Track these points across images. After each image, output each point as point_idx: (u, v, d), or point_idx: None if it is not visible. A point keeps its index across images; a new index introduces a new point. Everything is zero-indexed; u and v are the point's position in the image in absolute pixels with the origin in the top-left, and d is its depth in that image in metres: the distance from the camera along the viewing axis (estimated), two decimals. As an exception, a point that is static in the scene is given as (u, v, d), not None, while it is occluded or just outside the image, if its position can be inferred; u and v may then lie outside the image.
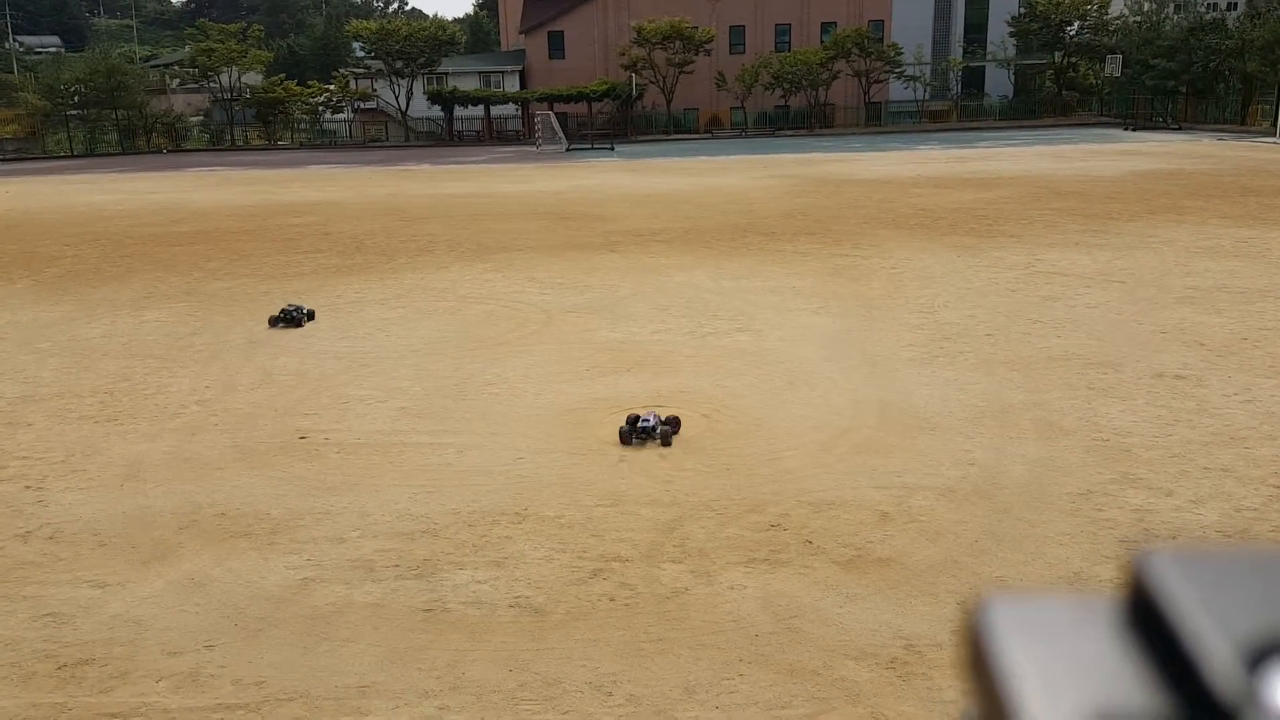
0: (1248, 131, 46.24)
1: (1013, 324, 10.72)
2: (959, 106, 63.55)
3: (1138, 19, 58.90)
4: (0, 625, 5.08)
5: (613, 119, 59.05)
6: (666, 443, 7.20)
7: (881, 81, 60.03)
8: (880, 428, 7.57)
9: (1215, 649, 0.29)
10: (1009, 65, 62.99)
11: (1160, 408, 7.88)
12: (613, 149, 48.03)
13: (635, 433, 7.27)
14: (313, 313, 11.84)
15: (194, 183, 34.91)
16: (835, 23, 62.19)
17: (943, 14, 64.37)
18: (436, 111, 60.94)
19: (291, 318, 11.57)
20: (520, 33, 66.20)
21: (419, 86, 59.63)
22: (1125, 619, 0.33)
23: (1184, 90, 53.79)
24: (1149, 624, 0.32)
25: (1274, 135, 42.07)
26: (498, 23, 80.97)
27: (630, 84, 59.09)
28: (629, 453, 7.12)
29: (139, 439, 7.88)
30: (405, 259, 16.33)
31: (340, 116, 62.91)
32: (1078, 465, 6.72)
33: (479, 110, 61.05)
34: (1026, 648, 0.32)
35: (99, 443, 7.82)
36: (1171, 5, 58.43)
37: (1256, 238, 15.96)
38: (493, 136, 60.87)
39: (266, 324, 11.58)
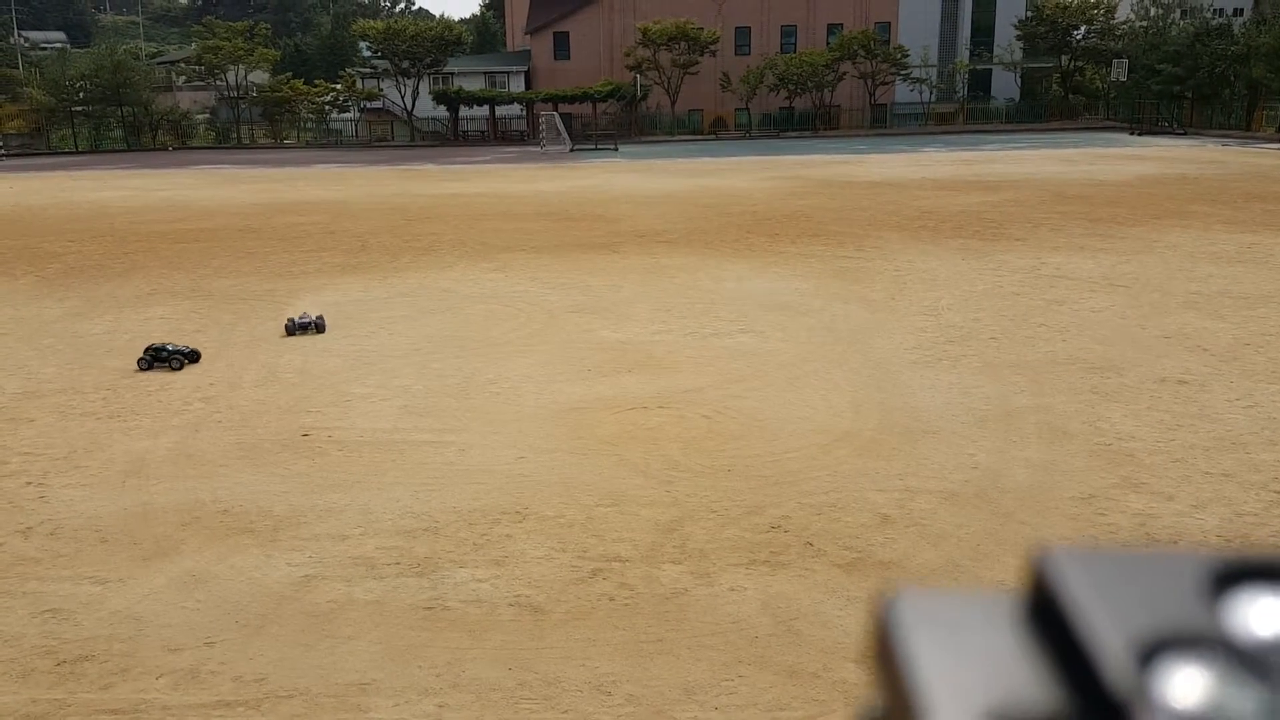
0: (1252, 137, 46.14)
1: (1017, 327, 10.71)
2: (965, 109, 63.46)
3: (1144, 24, 58.85)
4: (0, 621, 5.09)
5: (617, 120, 59.00)
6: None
7: (887, 84, 59.96)
8: (882, 430, 7.56)
9: (1109, 646, 0.30)
10: (1015, 68, 62.88)
11: (1163, 412, 7.87)
12: (617, 150, 48.00)
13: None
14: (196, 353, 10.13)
15: (199, 180, 34.96)
16: (841, 24, 62.11)
17: (949, 16, 64.30)
18: (442, 111, 60.97)
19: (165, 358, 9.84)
20: (526, 33, 66.22)
21: (425, 86, 59.65)
22: (1026, 615, 0.34)
23: (1189, 95, 53.71)
24: (1048, 620, 0.33)
25: (1278, 141, 41.98)
26: (503, 23, 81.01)
27: (635, 85, 59.05)
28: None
29: (142, 435, 7.89)
30: (409, 258, 16.33)
31: (346, 116, 62.92)
32: (1080, 469, 6.72)
33: (484, 110, 61.07)
34: (930, 642, 0.33)
35: (101, 439, 7.84)
36: (1178, 10, 58.39)
37: (1260, 243, 15.93)
38: (497, 137, 60.86)
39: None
